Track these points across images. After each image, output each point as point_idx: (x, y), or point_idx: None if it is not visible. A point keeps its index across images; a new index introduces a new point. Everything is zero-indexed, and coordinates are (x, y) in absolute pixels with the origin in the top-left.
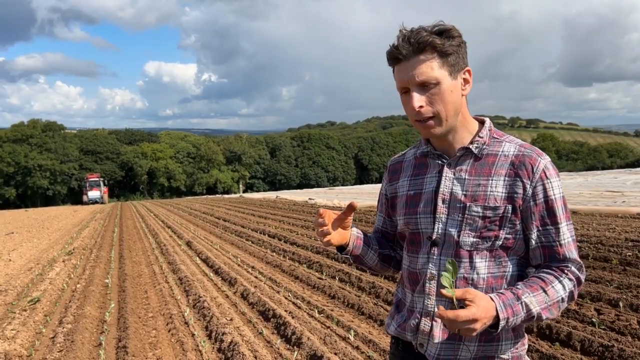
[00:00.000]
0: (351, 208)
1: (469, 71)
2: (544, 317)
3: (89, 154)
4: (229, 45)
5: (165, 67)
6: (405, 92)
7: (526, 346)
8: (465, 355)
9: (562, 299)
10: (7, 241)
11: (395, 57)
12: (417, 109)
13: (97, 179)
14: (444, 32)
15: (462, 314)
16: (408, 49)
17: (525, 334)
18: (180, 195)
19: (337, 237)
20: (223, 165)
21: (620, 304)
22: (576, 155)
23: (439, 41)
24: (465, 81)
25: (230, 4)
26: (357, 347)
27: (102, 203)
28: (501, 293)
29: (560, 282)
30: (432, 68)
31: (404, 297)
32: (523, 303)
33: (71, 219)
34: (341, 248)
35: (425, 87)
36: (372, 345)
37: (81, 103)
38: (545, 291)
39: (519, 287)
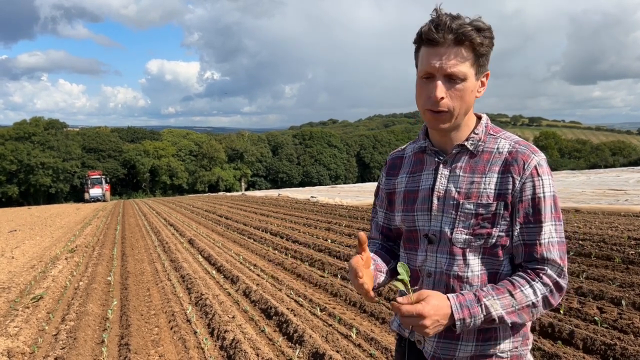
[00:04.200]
0: (363, 241)
1: (487, 75)
2: (510, 321)
3: (91, 151)
4: (232, 43)
5: (168, 65)
6: (427, 77)
7: (529, 346)
8: (463, 355)
9: (534, 304)
10: (9, 239)
11: (432, 39)
12: (439, 99)
13: (98, 177)
14: (482, 31)
15: (405, 308)
16: (449, 37)
17: (530, 334)
18: (183, 193)
19: (370, 282)
20: (225, 163)
21: (623, 302)
22: (579, 154)
23: (479, 39)
24: (482, 84)
25: (235, 1)
26: (359, 345)
27: (103, 201)
28: (461, 294)
29: (531, 286)
30: (465, 63)
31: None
32: (483, 305)
33: (74, 216)
34: None
35: (452, 79)
36: (374, 343)
37: (84, 101)
38: (512, 295)
39: (484, 289)
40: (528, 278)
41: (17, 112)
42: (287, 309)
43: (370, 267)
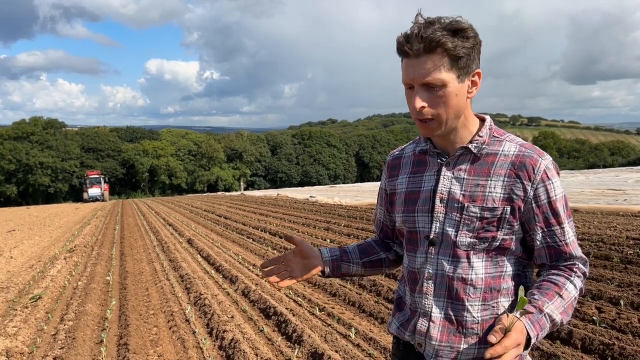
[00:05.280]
0: (291, 242)
1: (478, 74)
2: (565, 322)
3: (90, 151)
4: (232, 42)
5: (167, 65)
6: (410, 87)
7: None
8: (465, 357)
9: (575, 297)
10: (8, 238)
11: (403, 51)
12: (418, 109)
13: (97, 176)
14: (459, 32)
15: (508, 342)
16: (418, 46)
17: None
18: (182, 193)
19: (303, 272)
20: (224, 162)
21: (621, 302)
22: (577, 154)
23: (450, 44)
24: (473, 83)
25: (234, 1)
26: (357, 345)
27: (102, 200)
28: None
29: (571, 282)
30: (439, 70)
31: (405, 295)
32: (546, 315)
33: (72, 216)
34: (321, 272)
35: (430, 87)
36: (373, 343)
37: (83, 100)
38: (560, 295)
39: (536, 297)
40: (565, 275)
41: (15, 112)
42: (286, 308)
43: (312, 257)
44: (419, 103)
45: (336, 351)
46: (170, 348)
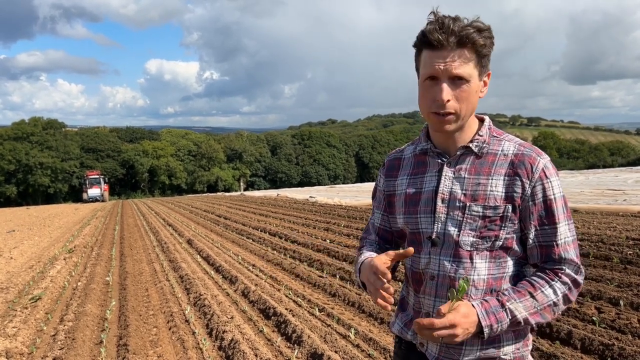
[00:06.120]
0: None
1: (489, 75)
2: (534, 322)
3: (90, 151)
4: (232, 42)
5: (167, 65)
6: (431, 79)
7: (530, 347)
8: (468, 357)
9: (555, 302)
10: (8, 239)
11: (434, 42)
12: (445, 102)
13: (97, 176)
14: (483, 32)
15: (438, 321)
16: (452, 39)
17: (530, 335)
18: (181, 193)
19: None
20: (224, 163)
21: (621, 302)
22: (577, 154)
23: (482, 41)
24: (485, 84)
25: (234, 0)
26: (357, 346)
27: (102, 201)
28: (485, 300)
29: (551, 286)
30: (469, 65)
31: (408, 296)
32: (507, 310)
33: (72, 216)
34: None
35: (457, 81)
36: (373, 343)
37: (82, 101)
38: (533, 296)
39: (505, 293)
40: (547, 278)
41: (15, 112)
42: (286, 309)
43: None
44: (447, 95)
45: (336, 351)
46: (169, 348)
